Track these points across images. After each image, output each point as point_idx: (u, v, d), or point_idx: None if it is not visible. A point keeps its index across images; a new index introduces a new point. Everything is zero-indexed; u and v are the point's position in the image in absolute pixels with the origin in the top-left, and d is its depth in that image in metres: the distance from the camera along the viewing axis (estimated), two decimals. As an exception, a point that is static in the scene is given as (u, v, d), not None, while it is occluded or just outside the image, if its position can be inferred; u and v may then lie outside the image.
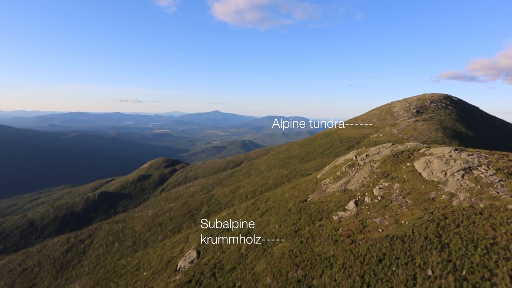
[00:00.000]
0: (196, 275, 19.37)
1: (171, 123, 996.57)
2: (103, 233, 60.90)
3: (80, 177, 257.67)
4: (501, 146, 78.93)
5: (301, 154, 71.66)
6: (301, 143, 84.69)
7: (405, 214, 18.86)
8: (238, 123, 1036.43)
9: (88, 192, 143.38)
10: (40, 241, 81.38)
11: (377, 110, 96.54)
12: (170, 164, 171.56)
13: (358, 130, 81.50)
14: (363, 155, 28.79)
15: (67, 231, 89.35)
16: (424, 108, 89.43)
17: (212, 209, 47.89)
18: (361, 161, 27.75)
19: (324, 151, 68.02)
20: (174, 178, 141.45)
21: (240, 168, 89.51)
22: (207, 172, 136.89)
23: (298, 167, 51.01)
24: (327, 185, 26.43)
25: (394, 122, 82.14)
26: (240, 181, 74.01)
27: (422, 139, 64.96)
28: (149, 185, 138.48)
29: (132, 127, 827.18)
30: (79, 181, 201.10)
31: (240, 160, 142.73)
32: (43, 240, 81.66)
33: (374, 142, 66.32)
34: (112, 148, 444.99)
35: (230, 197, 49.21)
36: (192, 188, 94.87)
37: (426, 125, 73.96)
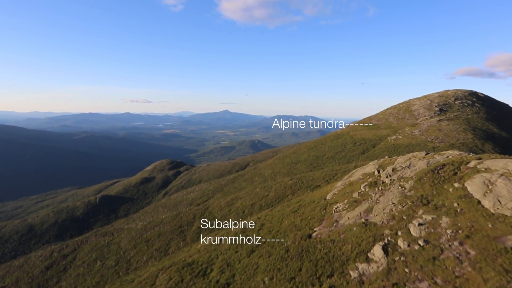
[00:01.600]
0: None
1: (180, 123, 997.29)
2: (88, 248, 54.97)
3: (88, 178, 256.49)
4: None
5: (309, 159, 64.21)
6: (309, 146, 77.11)
7: (470, 279, 11.45)
8: (247, 122, 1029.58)
9: (92, 194, 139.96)
10: (39, 246, 78.61)
11: (394, 108, 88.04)
12: (175, 166, 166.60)
13: (373, 131, 73.44)
14: (388, 169, 21.31)
15: (66, 237, 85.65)
16: (448, 106, 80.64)
17: (205, 226, 41.14)
18: (386, 177, 20.29)
19: (335, 156, 60.44)
20: (178, 181, 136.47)
21: (244, 173, 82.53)
22: (212, 175, 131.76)
23: (304, 176, 43.70)
24: (340, 212, 19.07)
25: (414, 122, 73.74)
26: (241, 188, 67.15)
27: (449, 142, 56.67)
28: (152, 188, 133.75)
29: (142, 127, 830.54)
30: (86, 183, 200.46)
31: (246, 162, 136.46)
32: (41, 246, 78.27)
33: (392, 145, 58.34)
34: (121, 149, 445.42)
35: (226, 211, 42.25)
36: (193, 194, 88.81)
37: (452, 125, 65.47)
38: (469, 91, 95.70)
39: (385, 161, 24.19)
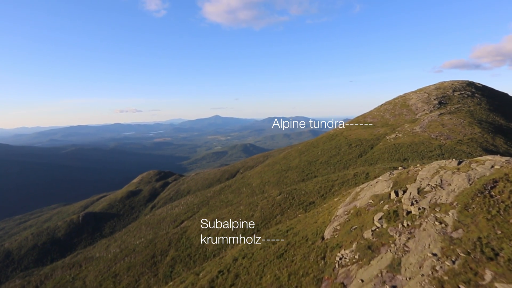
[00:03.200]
0: None
1: (171, 131, 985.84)
2: (51, 285, 47.42)
3: (76, 193, 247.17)
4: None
5: (300, 165, 57.50)
6: (300, 149, 70.43)
7: None
8: (238, 126, 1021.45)
9: (78, 211, 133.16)
10: (16, 274, 72.09)
11: (389, 104, 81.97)
12: (162, 177, 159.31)
13: (369, 130, 67.18)
14: (411, 191, 14.59)
15: (46, 261, 79.19)
16: (447, 98, 74.82)
17: (180, 255, 34.07)
18: (412, 204, 13.55)
19: (329, 160, 53.83)
20: (166, 193, 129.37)
21: (231, 183, 75.46)
22: (200, 184, 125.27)
23: (295, 189, 36.89)
24: (347, 267, 12.26)
25: (413, 117, 67.63)
26: (227, 201, 60.15)
27: (456, 138, 50.48)
28: (138, 202, 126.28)
29: (132, 137, 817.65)
30: (74, 198, 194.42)
31: (236, 169, 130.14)
32: (19, 273, 71.59)
33: (392, 145, 51.94)
34: (112, 160, 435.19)
35: (205, 235, 35.18)
36: (177, 208, 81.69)
37: (456, 119, 59.45)
38: (466, 82, 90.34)
39: (401, 175, 17.50)
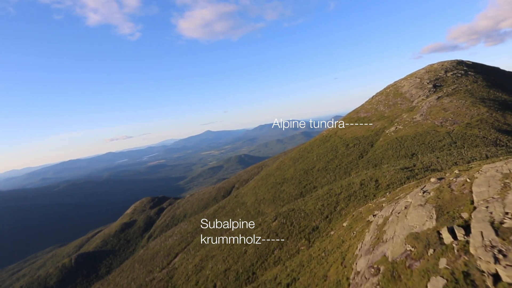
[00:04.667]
0: None
1: (164, 152, 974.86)
2: None
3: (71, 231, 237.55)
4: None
5: (296, 175, 51.41)
6: (294, 157, 64.42)
7: None
8: (231, 138, 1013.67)
9: (72, 252, 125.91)
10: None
11: (381, 95, 76.67)
12: (157, 203, 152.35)
13: (364, 126, 61.59)
14: (483, 229, 8.51)
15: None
16: (441, 80, 69.80)
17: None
18: (495, 261, 7.48)
19: (328, 166, 47.87)
20: (161, 220, 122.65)
21: (225, 204, 69.03)
22: (196, 206, 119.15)
23: (294, 209, 30.58)
24: None
25: (410, 105, 62.24)
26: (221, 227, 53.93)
27: (464, 122, 44.94)
28: (134, 233, 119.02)
29: (125, 164, 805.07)
30: (70, 237, 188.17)
31: (231, 185, 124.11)
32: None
33: (395, 139, 46.21)
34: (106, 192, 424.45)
35: (192, 284, 28.73)
36: (171, 239, 75.20)
37: (457, 101, 54.13)
38: (456, 61, 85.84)
39: (441, 193, 11.54)
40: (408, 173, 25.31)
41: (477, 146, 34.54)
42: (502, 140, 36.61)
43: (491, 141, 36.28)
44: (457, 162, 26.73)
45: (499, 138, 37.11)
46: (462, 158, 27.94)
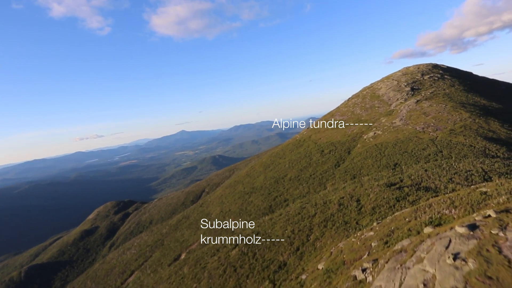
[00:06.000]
0: None
1: (137, 152, 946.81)
2: None
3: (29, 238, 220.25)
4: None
5: (266, 184, 46.15)
6: (265, 162, 59.12)
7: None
8: (206, 139, 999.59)
9: (27, 262, 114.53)
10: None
11: (357, 97, 73.05)
12: (122, 208, 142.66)
13: (340, 130, 57.39)
14: None
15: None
16: (419, 83, 67.06)
17: None
18: None
19: (300, 175, 42.90)
20: (126, 227, 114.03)
21: (189, 213, 62.69)
22: (163, 211, 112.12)
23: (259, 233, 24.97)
24: None
25: (388, 108, 58.68)
26: (183, 241, 47.69)
27: (447, 128, 41.32)
28: (95, 241, 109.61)
29: (96, 164, 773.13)
30: (28, 243, 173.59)
31: (201, 189, 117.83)
32: None
33: (374, 146, 41.90)
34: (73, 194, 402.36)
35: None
36: (129, 252, 68.05)
37: (437, 105, 50.90)
38: (432, 64, 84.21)
39: (489, 262, 6.54)
40: (396, 193, 20.54)
41: (466, 157, 30.65)
42: (491, 150, 33.05)
43: (480, 151, 32.61)
44: (452, 178, 22.29)
45: (488, 147, 33.57)
46: (456, 173, 23.55)
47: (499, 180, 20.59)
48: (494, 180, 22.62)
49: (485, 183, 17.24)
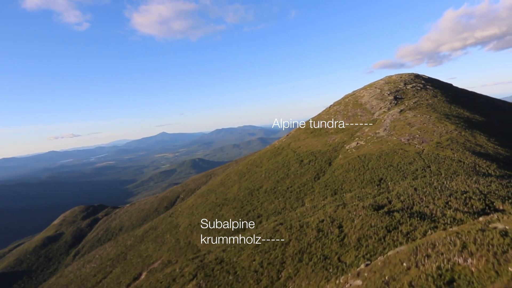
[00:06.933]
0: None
1: (115, 153, 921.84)
2: None
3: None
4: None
5: (239, 196, 42.25)
6: (241, 170, 55.25)
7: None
8: (187, 141, 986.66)
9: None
10: None
11: (339, 104, 70.55)
12: (91, 213, 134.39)
13: (321, 138, 54.39)
14: None
15: None
16: (402, 93, 65.26)
17: None
18: None
19: (277, 187, 39.30)
20: (93, 234, 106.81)
21: (157, 224, 57.74)
22: (135, 218, 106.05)
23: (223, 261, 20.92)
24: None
25: (371, 117, 56.21)
26: (146, 256, 42.84)
27: (433, 140, 38.80)
28: (58, 249, 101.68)
29: (70, 165, 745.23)
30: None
31: (175, 194, 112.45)
32: None
33: (356, 158, 38.84)
34: (43, 195, 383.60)
35: None
36: (89, 266, 62.21)
37: (421, 116, 48.70)
38: (414, 74, 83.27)
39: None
40: (385, 219, 17.10)
41: (456, 174, 27.90)
42: (481, 166, 30.52)
43: (470, 167, 30.00)
44: (449, 201, 19.13)
45: (478, 163, 31.06)
46: (451, 195, 20.42)
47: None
48: (496, 205, 19.67)
49: (495, 214, 13.91)
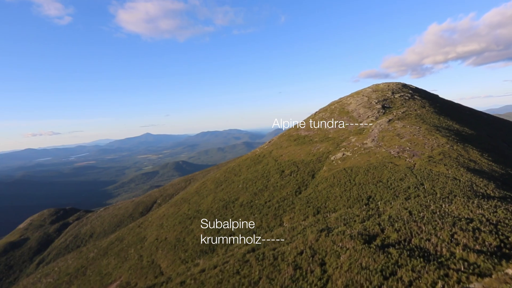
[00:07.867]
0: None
1: (96, 153, 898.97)
2: None
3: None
4: (504, 144, 55.01)
5: (212, 209, 38.19)
6: (218, 178, 51.13)
7: None
8: (171, 143, 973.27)
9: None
10: None
11: (325, 111, 67.51)
12: (61, 217, 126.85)
13: (304, 147, 50.95)
14: None
15: None
16: (390, 101, 62.79)
17: None
18: None
19: (254, 200, 35.47)
20: (61, 240, 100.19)
21: (124, 234, 52.79)
22: (107, 223, 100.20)
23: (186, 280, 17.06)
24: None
25: (358, 126, 53.22)
26: (105, 274, 37.99)
27: (424, 153, 35.77)
28: (21, 257, 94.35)
29: (47, 163, 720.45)
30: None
31: (152, 200, 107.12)
32: None
33: (342, 170, 35.35)
34: (16, 195, 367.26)
35: None
36: (46, 280, 56.24)
37: (410, 126, 45.92)
38: (401, 83, 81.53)
39: None
40: (379, 258, 13.43)
41: (453, 194, 24.73)
42: (479, 185, 27.51)
43: (467, 186, 26.95)
44: (454, 233, 15.64)
45: (474, 182, 28.06)
46: (455, 224, 17.01)
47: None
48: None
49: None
